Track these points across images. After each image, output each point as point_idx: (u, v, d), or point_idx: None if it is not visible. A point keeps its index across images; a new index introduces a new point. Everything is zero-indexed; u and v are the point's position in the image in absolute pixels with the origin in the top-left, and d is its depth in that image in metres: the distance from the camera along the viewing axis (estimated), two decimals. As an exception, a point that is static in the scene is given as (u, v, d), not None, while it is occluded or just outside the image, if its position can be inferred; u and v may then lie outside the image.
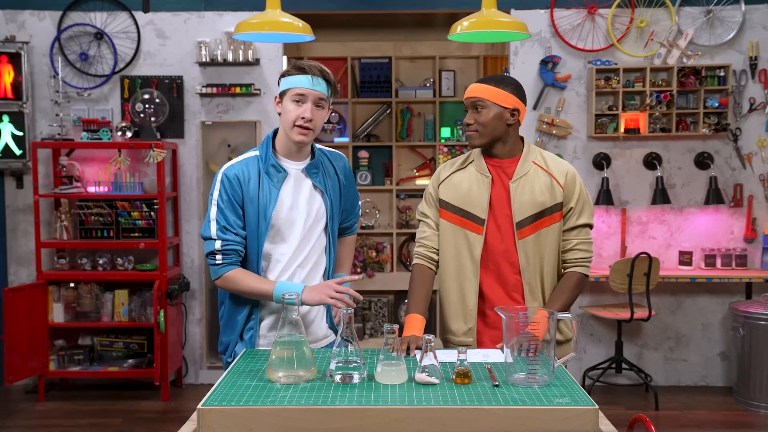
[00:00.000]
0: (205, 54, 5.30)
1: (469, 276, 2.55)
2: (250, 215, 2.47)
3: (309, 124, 2.43)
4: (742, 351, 4.98)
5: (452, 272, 2.58)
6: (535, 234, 2.52)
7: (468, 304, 2.56)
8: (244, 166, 2.49)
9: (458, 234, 2.56)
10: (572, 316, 2.12)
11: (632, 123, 5.25)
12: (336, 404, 1.87)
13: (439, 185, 2.63)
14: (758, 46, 5.28)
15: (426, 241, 2.64)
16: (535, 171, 2.55)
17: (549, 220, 2.53)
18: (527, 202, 2.51)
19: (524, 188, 2.52)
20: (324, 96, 2.46)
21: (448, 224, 2.59)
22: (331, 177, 2.59)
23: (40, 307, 5.06)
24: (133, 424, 4.68)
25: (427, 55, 6.79)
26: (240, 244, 2.45)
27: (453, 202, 2.57)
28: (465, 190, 2.56)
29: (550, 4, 5.31)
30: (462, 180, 2.58)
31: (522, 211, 2.51)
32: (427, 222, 2.65)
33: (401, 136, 6.70)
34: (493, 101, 2.50)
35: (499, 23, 3.38)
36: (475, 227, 2.54)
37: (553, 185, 2.54)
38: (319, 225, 2.55)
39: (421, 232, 2.66)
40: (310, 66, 2.45)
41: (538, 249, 2.52)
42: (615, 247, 5.41)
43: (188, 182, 5.46)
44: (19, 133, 5.29)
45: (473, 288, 2.55)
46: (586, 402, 1.88)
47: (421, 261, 2.63)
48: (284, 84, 2.48)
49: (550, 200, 2.52)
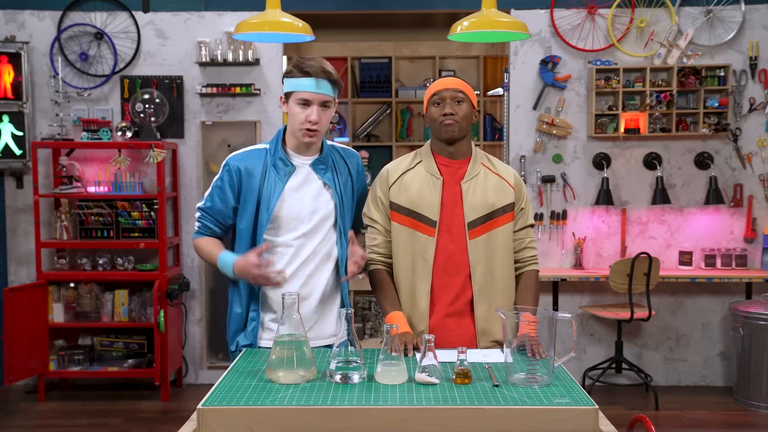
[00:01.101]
0: (205, 54, 5.30)
1: (421, 278, 2.52)
2: (249, 206, 2.50)
3: (316, 126, 2.45)
4: (742, 351, 4.98)
5: (405, 275, 2.55)
6: (486, 234, 2.51)
7: (420, 307, 2.52)
8: (250, 157, 2.53)
9: (410, 236, 2.53)
10: (572, 316, 2.13)
11: (632, 123, 5.25)
12: (336, 404, 1.87)
13: (389, 188, 2.58)
14: (758, 46, 5.28)
15: (378, 249, 2.59)
16: (485, 172, 2.56)
17: (501, 220, 2.54)
18: (479, 203, 2.51)
19: (476, 189, 2.52)
20: (329, 98, 2.47)
21: (400, 227, 2.55)
22: (342, 174, 2.59)
23: (40, 307, 5.06)
24: (133, 424, 4.68)
25: (427, 55, 6.79)
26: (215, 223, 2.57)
27: (404, 204, 2.54)
28: (416, 192, 2.53)
29: (550, 4, 5.30)
30: (412, 181, 2.55)
31: (474, 212, 2.51)
32: (377, 228, 2.59)
33: (401, 136, 6.70)
34: (469, 97, 2.53)
35: (499, 23, 3.38)
36: (426, 229, 2.51)
37: (503, 186, 2.56)
38: (328, 221, 2.55)
39: (371, 239, 2.60)
40: (314, 69, 2.44)
41: (489, 249, 2.52)
42: (615, 247, 5.41)
43: (188, 182, 5.46)
44: (19, 133, 5.29)
45: (425, 290, 2.52)
46: (586, 402, 1.88)
47: (378, 266, 2.60)
48: (288, 85, 2.48)
49: (502, 200, 2.54)
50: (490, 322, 2.51)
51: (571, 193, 5.39)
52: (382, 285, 2.58)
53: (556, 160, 5.38)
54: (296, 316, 2.12)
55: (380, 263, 2.60)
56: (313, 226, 2.52)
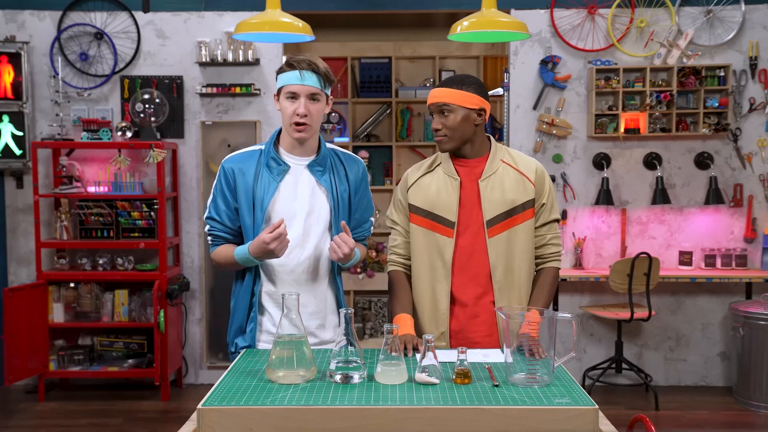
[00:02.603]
0: (205, 54, 5.30)
1: (441, 279, 2.52)
2: (244, 206, 2.50)
3: (305, 120, 2.44)
4: (742, 351, 4.98)
5: (424, 276, 2.55)
6: (506, 232, 2.49)
7: (440, 308, 2.53)
8: (243, 159, 2.54)
9: (429, 238, 2.53)
10: (572, 316, 2.12)
11: (632, 123, 5.25)
12: (336, 404, 1.87)
13: (408, 190, 2.60)
14: (758, 46, 5.28)
15: (398, 249, 2.62)
16: (504, 169, 2.53)
17: (521, 217, 2.51)
18: (497, 200, 2.49)
19: (494, 186, 2.50)
20: (316, 89, 2.45)
21: (419, 228, 2.55)
22: (340, 178, 2.58)
23: (40, 307, 5.06)
24: (133, 424, 4.68)
25: (427, 55, 6.79)
26: (224, 230, 2.56)
27: (422, 206, 2.54)
28: (434, 194, 2.53)
29: (550, 4, 5.30)
30: (430, 183, 2.55)
31: (492, 209, 2.49)
32: (397, 229, 2.63)
33: (401, 136, 6.70)
34: (458, 104, 2.46)
35: (499, 23, 3.38)
36: (445, 230, 2.51)
37: (523, 182, 2.52)
38: (322, 223, 2.54)
39: (392, 240, 2.64)
40: (298, 61, 2.45)
41: (510, 247, 2.50)
42: (615, 247, 5.41)
43: (188, 182, 5.46)
44: (19, 133, 5.29)
45: (445, 291, 2.52)
46: (586, 402, 1.88)
47: (397, 267, 2.62)
48: (278, 82, 2.51)
49: (522, 197, 2.51)
50: None
51: (571, 193, 5.39)
52: (396, 286, 2.59)
53: (556, 160, 5.38)
54: (296, 317, 2.12)
55: (399, 264, 2.61)
56: (307, 227, 2.51)
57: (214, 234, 2.57)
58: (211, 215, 2.56)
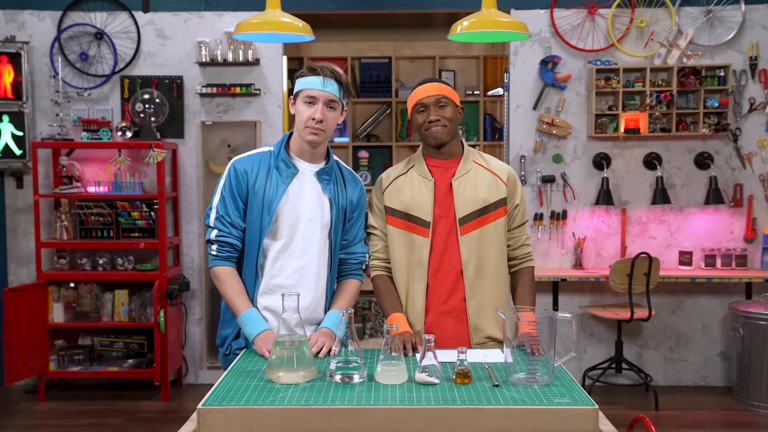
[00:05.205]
0: (205, 54, 5.30)
1: (418, 279, 2.57)
2: (254, 209, 2.49)
3: (320, 126, 2.45)
4: (742, 351, 4.98)
5: (402, 277, 2.61)
6: (478, 230, 2.55)
7: (416, 308, 2.58)
8: (255, 160, 2.53)
9: (406, 239, 2.59)
10: (572, 316, 2.13)
11: (632, 123, 5.25)
12: (336, 404, 1.87)
13: (383, 193, 2.64)
14: (758, 46, 5.28)
15: (379, 254, 2.67)
16: (476, 169, 2.60)
17: (493, 215, 2.57)
18: (470, 199, 2.55)
19: (467, 185, 2.57)
20: (335, 97, 2.47)
21: (396, 230, 2.61)
22: (342, 192, 2.59)
23: (40, 307, 5.06)
24: (133, 424, 4.68)
25: (427, 55, 6.79)
26: (235, 237, 2.50)
27: (398, 207, 2.60)
28: (408, 196, 2.59)
29: (550, 4, 5.30)
30: (405, 185, 2.61)
31: (465, 208, 2.55)
32: (376, 234, 2.67)
33: (401, 136, 6.70)
34: (452, 98, 2.58)
35: (499, 23, 3.38)
36: (421, 230, 2.56)
37: (496, 182, 2.59)
38: (324, 230, 2.54)
39: (372, 246, 2.69)
40: (321, 67, 2.47)
41: (481, 245, 2.56)
42: (615, 247, 5.41)
43: (188, 182, 5.46)
44: (19, 133, 5.29)
45: (421, 291, 2.57)
46: (586, 402, 1.89)
47: (380, 272, 2.67)
48: (297, 85, 2.51)
49: (494, 196, 2.58)
50: (481, 318, 2.55)
51: (571, 193, 5.39)
52: (383, 289, 2.64)
53: (556, 160, 5.38)
54: (296, 317, 2.12)
55: (381, 269, 2.67)
56: (310, 233, 2.51)
57: (223, 240, 2.48)
58: (221, 214, 2.48)
